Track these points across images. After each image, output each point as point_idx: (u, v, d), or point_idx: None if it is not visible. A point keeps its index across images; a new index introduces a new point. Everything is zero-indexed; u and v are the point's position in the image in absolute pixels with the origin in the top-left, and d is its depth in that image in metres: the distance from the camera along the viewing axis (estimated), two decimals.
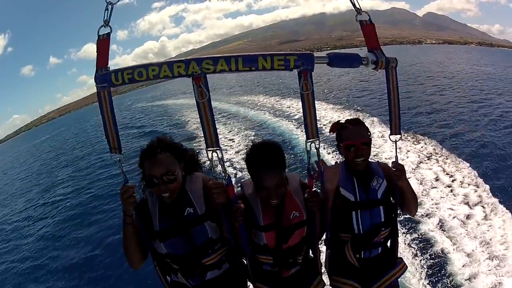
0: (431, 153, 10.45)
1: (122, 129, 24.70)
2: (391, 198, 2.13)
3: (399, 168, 1.94)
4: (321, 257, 2.19)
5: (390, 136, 2.00)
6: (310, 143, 1.80)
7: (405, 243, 6.40)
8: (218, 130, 1.73)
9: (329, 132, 2.19)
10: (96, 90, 1.71)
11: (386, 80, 1.87)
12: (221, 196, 1.77)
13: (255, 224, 1.97)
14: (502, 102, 17.33)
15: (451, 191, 8.02)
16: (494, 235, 6.22)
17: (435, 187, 8.28)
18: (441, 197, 7.79)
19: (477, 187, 8.01)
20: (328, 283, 2.27)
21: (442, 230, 6.66)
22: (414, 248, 6.31)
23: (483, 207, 7.21)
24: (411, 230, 6.78)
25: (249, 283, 2.16)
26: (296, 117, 16.89)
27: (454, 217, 6.98)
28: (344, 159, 2.15)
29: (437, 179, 8.66)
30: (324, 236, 2.19)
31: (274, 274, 2.07)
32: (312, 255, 2.17)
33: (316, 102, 1.79)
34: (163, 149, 1.83)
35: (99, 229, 10.14)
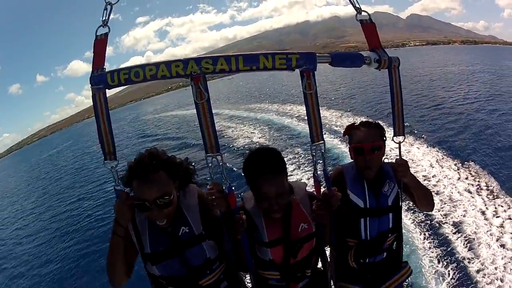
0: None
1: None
2: (400, 203, 2.05)
3: (403, 164, 1.87)
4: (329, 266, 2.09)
5: (394, 138, 1.92)
6: (315, 146, 1.72)
7: (413, 244, 6.30)
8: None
9: (343, 135, 2.12)
10: (84, 103, 1.63)
11: (389, 80, 1.83)
12: (221, 203, 1.63)
13: (259, 240, 1.82)
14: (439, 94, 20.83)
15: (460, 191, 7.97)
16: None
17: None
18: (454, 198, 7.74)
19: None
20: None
21: (456, 230, 6.56)
22: (422, 249, 6.19)
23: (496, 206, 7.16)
24: (420, 231, 6.69)
25: None
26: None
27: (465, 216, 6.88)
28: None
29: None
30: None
31: None
32: (321, 266, 2.04)
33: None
34: (156, 168, 1.62)
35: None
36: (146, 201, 1.58)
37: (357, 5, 1.76)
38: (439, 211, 7.17)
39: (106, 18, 1.60)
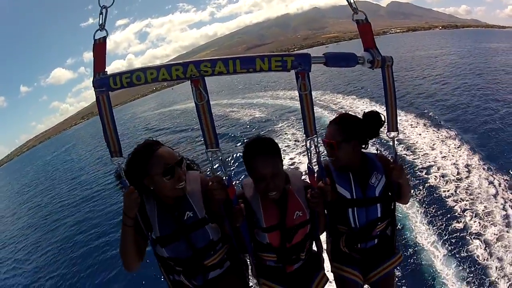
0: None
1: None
2: (389, 193, 2.17)
3: (397, 168, 1.99)
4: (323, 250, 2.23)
5: (387, 133, 2.01)
6: (309, 140, 1.80)
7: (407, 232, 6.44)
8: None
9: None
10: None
11: (382, 78, 1.90)
12: (221, 192, 1.76)
13: (257, 225, 1.98)
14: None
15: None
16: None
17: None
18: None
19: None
20: (330, 269, 2.33)
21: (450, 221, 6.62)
22: (415, 237, 6.31)
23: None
24: (414, 221, 6.79)
25: (251, 277, 2.20)
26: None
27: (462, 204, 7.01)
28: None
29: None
30: None
31: (278, 270, 2.11)
32: (315, 249, 2.21)
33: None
34: (162, 145, 1.86)
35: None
36: (170, 164, 1.78)
37: (354, 5, 1.82)
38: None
39: (103, 21, 1.65)
